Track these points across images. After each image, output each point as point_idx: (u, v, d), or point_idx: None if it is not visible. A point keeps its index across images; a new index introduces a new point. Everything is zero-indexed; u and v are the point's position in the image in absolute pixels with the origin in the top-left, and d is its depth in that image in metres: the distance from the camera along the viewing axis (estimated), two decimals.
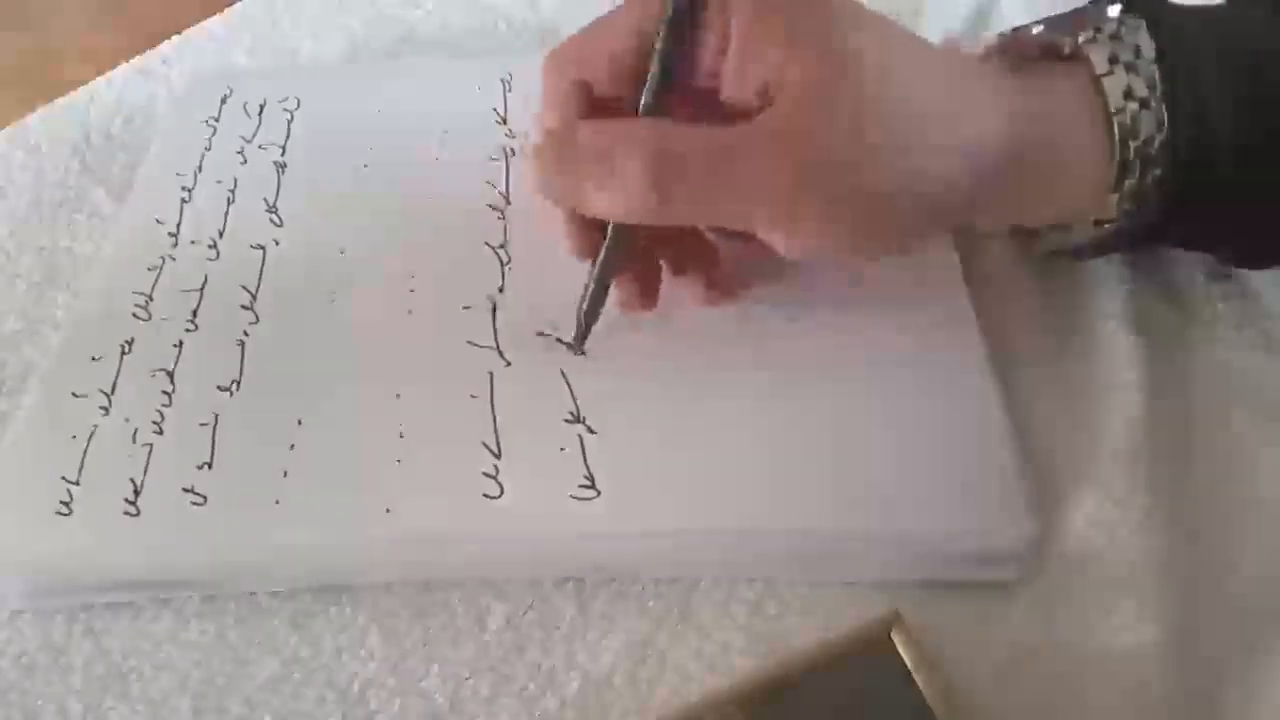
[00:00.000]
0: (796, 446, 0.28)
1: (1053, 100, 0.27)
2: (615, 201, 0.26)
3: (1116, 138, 0.26)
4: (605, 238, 0.28)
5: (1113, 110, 0.26)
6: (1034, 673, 0.25)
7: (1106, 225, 0.28)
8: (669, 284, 0.31)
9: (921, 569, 0.27)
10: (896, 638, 0.24)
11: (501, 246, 0.34)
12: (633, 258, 0.30)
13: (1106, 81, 0.26)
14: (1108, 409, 0.29)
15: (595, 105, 0.28)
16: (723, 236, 0.31)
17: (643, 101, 0.27)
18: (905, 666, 0.24)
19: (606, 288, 0.29)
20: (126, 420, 0.30)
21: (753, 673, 0.24)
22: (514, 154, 0.37)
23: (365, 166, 0.37)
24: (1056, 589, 0.26)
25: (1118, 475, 0.27)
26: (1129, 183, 0.27)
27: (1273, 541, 0.27)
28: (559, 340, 0.31)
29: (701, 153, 0.25)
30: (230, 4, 0.48)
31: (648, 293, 0.31)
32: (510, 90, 0.39)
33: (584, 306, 0.30)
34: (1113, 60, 0.26)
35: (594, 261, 0.29)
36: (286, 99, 0.40)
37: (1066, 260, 0.32)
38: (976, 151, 0.26)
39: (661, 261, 0.31)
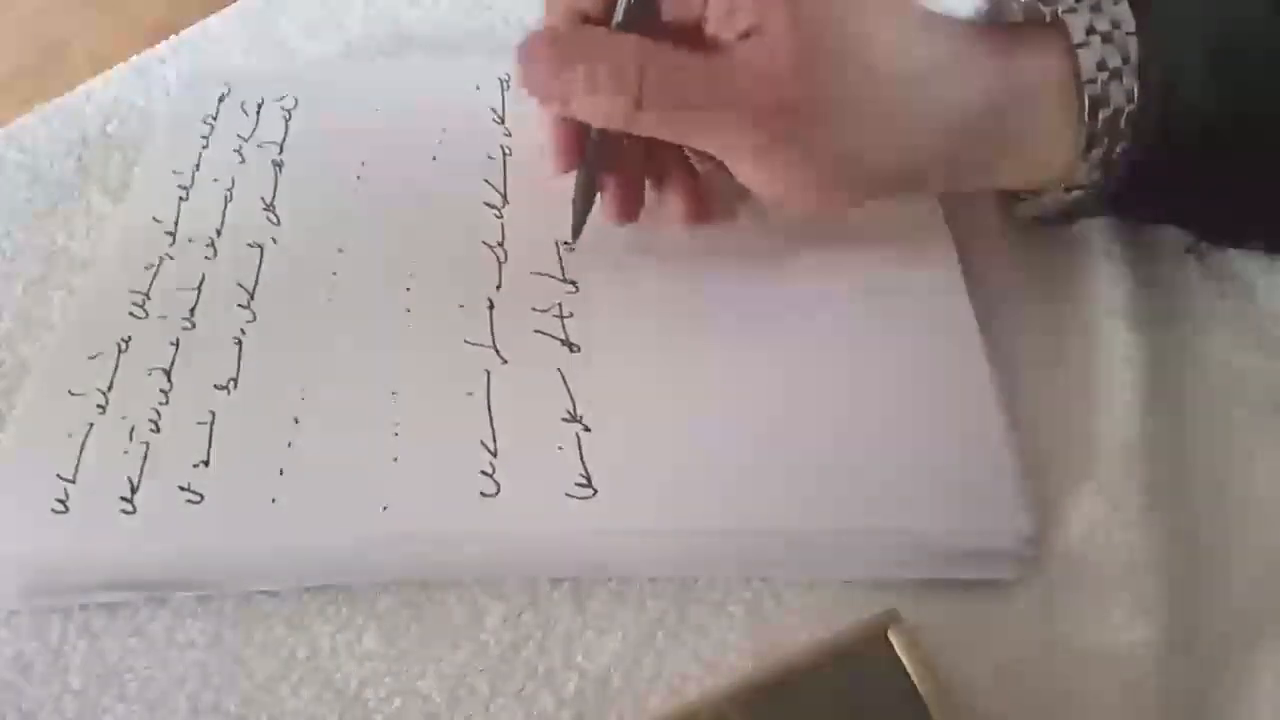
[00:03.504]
0: (794, 445, 0.28)
1: (1028, 68, 0.28)
2: (598, 106, 0.28)
3: (1086, 107, 0.27)
4: (588, 153, 0.31)
5: (1085, 80, 0.27)
6: (1031, 671, 0.25)
7: (1075, 193, 0.29)
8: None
9: (919, 568, 0.27)
10: (894, 637, 0.24)
11: (499, 245, 0.34)
12: (615, 167, 0.32)
13: (1081, 52, 0.27)
14: (1106, 408, 0.29)
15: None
16: (702, 161, 0.32)
17: (614, 21, 0.28)
18: (903, 665, 0.24)
19: (593, 187, 0.32)
20: (123, 418, 0.30)
21: (750, 672, 0.24)
22: (511, 153, 0.37)
23: (363, 165, 0.37)
24: (1054, 588, 0.26)
25: (1115, 474, 0.27)
26: (1096, 152, 0.27)
27: (1270, 541, 0.27)
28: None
29: (683, 70, 0.27)
30: (228, 3, 0.48)
31: (629, 205, 0.32)
32: (508, 89, 0.39)
33: (575, 203, 0.32)
34: (1089, 31, 0.27)
35: (579, 169, 0.31)
36: (284, 98, 0.40)
37: (1064, 257, 0.32)
38: (950, 113, 0.27)
39: (646, 182, 0.33)
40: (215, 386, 0.31)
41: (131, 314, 0.33)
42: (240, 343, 0.32)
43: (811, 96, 0.26)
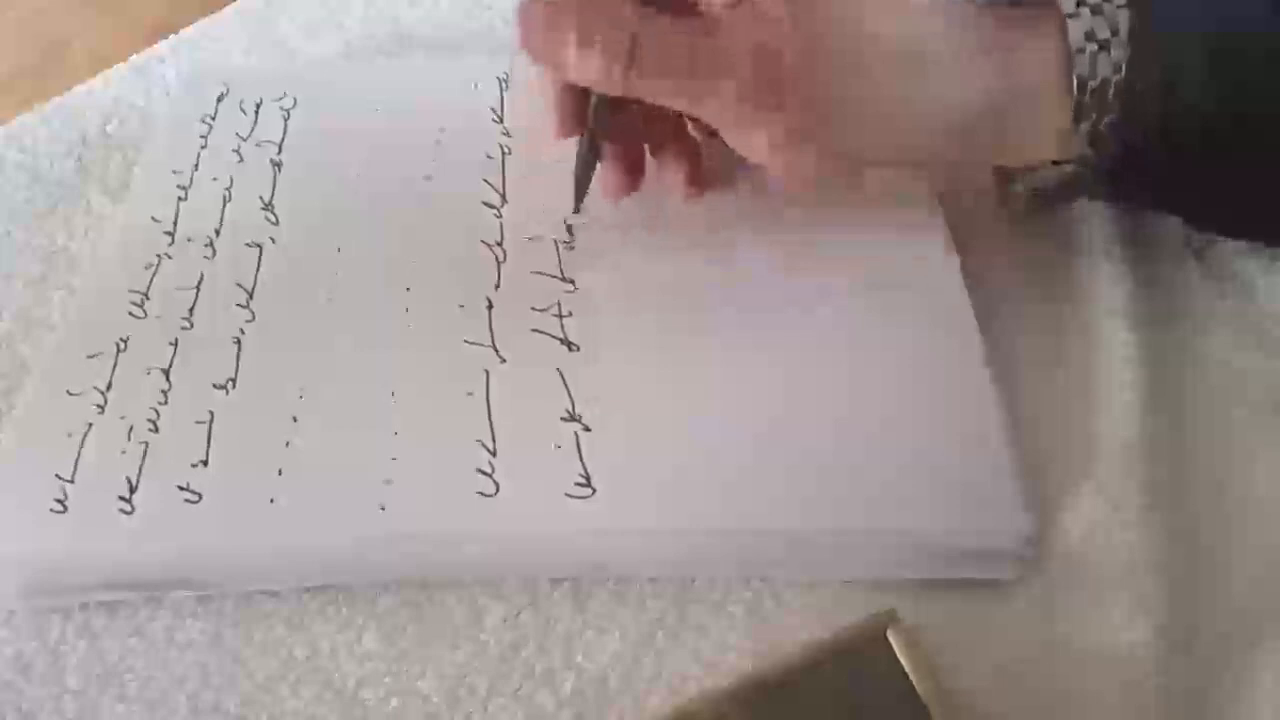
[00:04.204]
0: (794, 445, 0.28)
1: (1020, 40, 0.28)
2: (592, 68, 0.28)
3: (1075, 79, 0.27)
4: (589, 117, 0.31)
5: (1074, 50, 0.27)
6: (1031, 671, 0.25)
7: (1066, 167, 0.29)
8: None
9: (918, 567, 0.27)
10: (893, 636, 0.24)
11: (498, 244, 0.34)
12: (616, 137, 0.33)
13: (1070, 23, 0.27)
14: (1105, 408, 0.29)
15: None
16: (700, 131, 0.33)
17: None
18: (901, 665, 0.24)
19: (594, 156, 0.32)
20: (122, 418, 0.30)
21: (749, 672, 0.24)
22: (510, 152, 0.37)
23: (361, 165, 0.37)
24: (1053, 587, 0.26)
25: (1115, 474, 0.27)
26: (1084, 124, 0.27)
27: (1270, 541, 0.27)
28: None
29: (675, 36, 0.28)
30: (228, 3, 0.48)
31: (629, 176, 0.34)
32: (507, 89, 0.39)
33: (576, 172, 0.33)
34: (1080, 3, 0.27)
35: (581, 137, 0.32)
36: (283, 97, 0.40)
37: (1064, 257, 0.32)
38: (951, 113, 0.27)
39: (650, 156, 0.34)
40: (214, 386, 0.31)
41: (130, 314, 0.33)
42: (239, 342, 0.32)
43: (801, 59, 0.27)
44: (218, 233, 0.35)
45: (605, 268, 0.33)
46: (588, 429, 0.29)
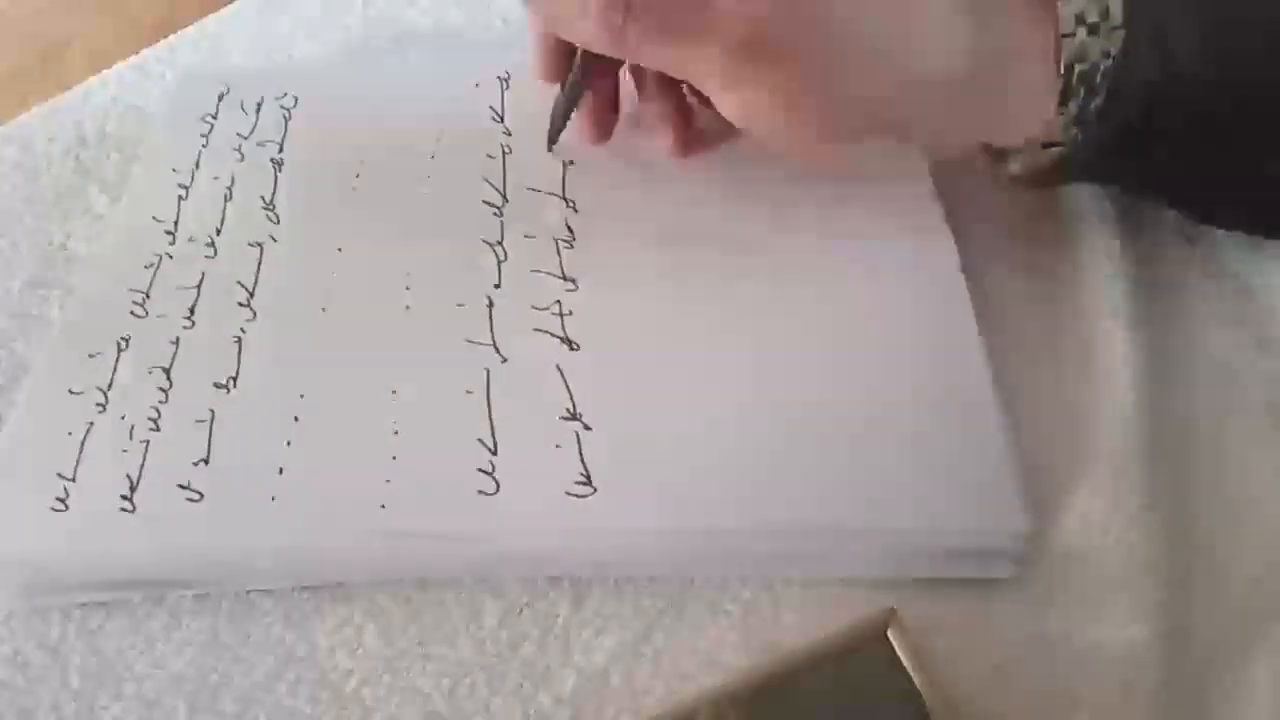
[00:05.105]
0: (792, 444, 0.28)
1: (1010, 20, 0.28)
2: (588, 30, 0.29)
3: (1063, 61, 0.27)
4: (574, 66, 0.33)
5: (1062, 33, 0.27)
6: (1029, 670, 0.25)
7: (1054, 149, 0.29)
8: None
9: (916, 566, 0.27)
10: (893, 635, 0.24)
11: (498, 243, 0.34)
12: (596, 87, 0.35)
13: (1061, 6, 0.27)
14: (1103, 407, 0.29)
15: None
16: (697, 100, 0.34)
17: None
18: (901, 664, 0.24)
19: (572, 103, 0.35)
20: (123, 417, 0.30)
21: (748, 671, 0.24)
22: (510, 152, 0.37)
23: (362, 164, 0.37)
24: (1051, 587, 0.26)
25: (1112, 474, 0.27)
26: (1072, 105, 0.28)
27: (1266, 541, 0.27)
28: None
29: (668, 2, 0.28)
30: (228, 3, 0.48)
31: (603, 124, 0.36)
32: (507, 89, 0.39)
33: (553, 114, 0.35)
34: None
35: (562, 84, 0.34)
36: (284, 96, 0.40)
37: (1065, 258, 0.32)
38: (932, 55, 0.27)
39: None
40: (215, 385, 0.31)
41: (131, 313, 0.33)
42: (240, 341, 0.32)
43: (788, 29, 0.27)
44: (219, 231, 0.35)
45: (606, 266, 0.33)
46: (588, 428, 0.29)
